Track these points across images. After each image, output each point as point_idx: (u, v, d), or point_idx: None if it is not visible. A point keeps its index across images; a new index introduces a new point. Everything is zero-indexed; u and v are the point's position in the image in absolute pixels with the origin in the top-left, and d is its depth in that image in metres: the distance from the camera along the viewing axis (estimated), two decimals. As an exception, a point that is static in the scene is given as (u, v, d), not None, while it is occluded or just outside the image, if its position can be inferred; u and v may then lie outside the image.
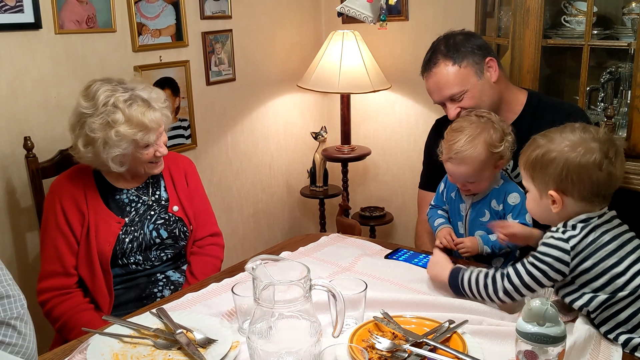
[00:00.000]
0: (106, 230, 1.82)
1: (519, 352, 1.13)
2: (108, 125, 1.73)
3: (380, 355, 1.24)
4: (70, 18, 2.19)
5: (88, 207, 1.82)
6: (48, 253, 1.80)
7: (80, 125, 1.77)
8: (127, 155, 1.79)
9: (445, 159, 1.74)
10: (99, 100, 1.74)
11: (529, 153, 1.39)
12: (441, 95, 1.86)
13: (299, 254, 1.84)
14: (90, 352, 1.27)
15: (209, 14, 2.69)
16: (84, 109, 1.76)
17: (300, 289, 1.15)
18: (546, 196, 1.36)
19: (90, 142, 1.76)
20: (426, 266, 1.71)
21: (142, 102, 1.77)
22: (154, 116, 1.77)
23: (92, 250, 1.79)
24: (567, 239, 1.32)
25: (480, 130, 1.69)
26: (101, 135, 1.73)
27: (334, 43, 2.92)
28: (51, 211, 1.81)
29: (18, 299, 1.24)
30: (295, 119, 3.28)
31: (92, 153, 1.77)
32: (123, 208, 1.88)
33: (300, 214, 3.47)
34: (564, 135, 1.34)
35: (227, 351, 1.27)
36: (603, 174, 1.31)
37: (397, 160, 3.25)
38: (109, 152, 1.75)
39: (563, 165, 1.32)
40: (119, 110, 1.73)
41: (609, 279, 1.30)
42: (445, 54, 1.84)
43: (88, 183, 1.86)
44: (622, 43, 2.16)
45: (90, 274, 1.79)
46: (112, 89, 1.76)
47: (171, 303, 1.54)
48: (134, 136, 1.75)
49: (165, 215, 1.92)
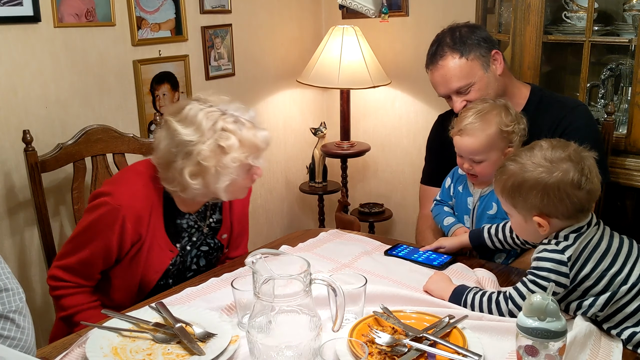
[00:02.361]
0: (158, 258, 1.70)
1: (520, 347, 1.13)
2: (222, 152, 1.57)
3: (380, 350, 1.23)
4: (69, 11, 2.18)
5: (148, 229, 1.66)
6: (81, 254, 1.64)
7: (184, 155, 1.58)
8: (234, 181, 1.63)
9: (455, 133, 1.75)
10: (204, 125, 1.57)
11: (504, 181, 1.37)
12: (448, 88, 1.85)
13: (298, 249, 1.84)
14: (89, 346, 1.26)
15: (208, 8, 2.68)
16: (186, 136, 1.57)
17: (300, 284, 1.15)
18: (531, 221, 1.35)
19: (201, 172, 1.59)
20: (426, 262, 1.71)
21: (249, 123, 1.63)
22: (263, 136, 1.64)
23: (136, 272, 1.67)
24: (563, 250, 1.32)
25: (492, 108, 1.71)
26: (214, 163, 1.57)
27: (333, 38, 2.91)
28: (108, 222, 1.60)
29: (17, 292, 1.23)
30: (294, 114, 3.27)
31: (202, 184, 1.60)
32: (179, 234, 1.76)
33: (299, 210, 3.46)
34: (535, 160, 1.33)
35: (226, 345, 1.27)
36: (583, 192, 1.30)
37: (396, 156, 3.25)
38: (222, 181, 1.60)
39: (542, 191, 1.30)
40: (231, 134, 1.58)
41: (609, 280, 1.31)
42: (452, 47, 1.83)
43: (156, 204, 1.68)
44: (622, 39, 2.15)
45: (122, 287, 1.69)
46: (209, 110, 1.60)
47: (170, 297, 1.54)
48: (247, 160, 1.60)
49: (211, 241, 1.83)
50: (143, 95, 2.47)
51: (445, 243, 1.77)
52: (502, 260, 1.82)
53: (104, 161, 2.15)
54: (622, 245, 1.35)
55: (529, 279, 1.35)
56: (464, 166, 1.77)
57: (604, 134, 2.05)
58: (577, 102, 1.93)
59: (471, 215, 1.82)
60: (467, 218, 1.84)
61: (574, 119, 1.82)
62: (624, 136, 2.11)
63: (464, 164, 1.77)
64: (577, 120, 1.82)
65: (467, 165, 1.76)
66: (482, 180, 1.80)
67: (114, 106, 2.39)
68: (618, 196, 2.20)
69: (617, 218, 2.23)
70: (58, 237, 2.23)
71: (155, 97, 2.52)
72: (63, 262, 1.67)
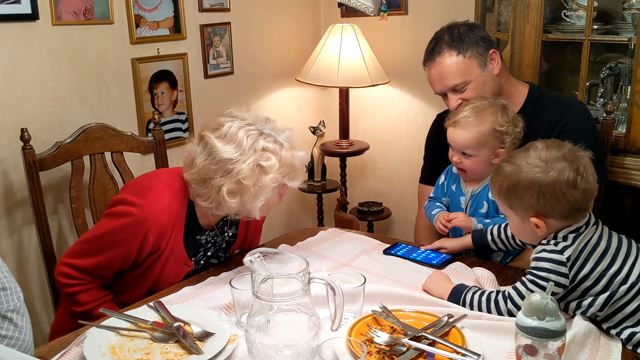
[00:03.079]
0: (173, 271, 1.68)
1: (519, 346, 1.13)
2: (262, 171, 1.56)
3: (378, 349, 1.23)
4: (67, 9, 2.17)
5: (168, 243, 1.64)
6: (97, 258, 1.61)
7: (223, 173, 1.55)
8: (269, 200, 1.62)
9: (449, 124, 1.76)
10: (244, 144, 1.55)
11: (499, 183, 1.37)
12: (444, 85, 1.86)
13: (297, 248, 1.84)
14: (87, 345, 1.26)
15: (207, 6, 2.67)
16: (226, 154, 1.55)
17: (299, 283, 1.15)
18: (528, 222, 1.35)
19: (239, 191, 1.57)
20: (425, 261, 1.71)
21: (287, 144, 1.62)
22: (300, 158, 1.64)
23: (148, 281, 1.66)
24: (562, 250, 1.31)
25: (489, 107, 1.72)
26: (253, 183, 1.55)
27: (332, 37, 2.90)
28: (131, 233, 1.58)
29: (15, 291, 1.23)
30: (293, 113, 3.26)
31: (239, 203, 1.58)
32: (197, 248, 1.75)
33: (298, 209, 3.46)
34: (530, 161, 1.33)
35: (224, 344, 1.26)
36: (579, 191, 1.29)
37: (395, 155, 3.25)
38: (259, 200, 1.58)
39: (538, 192, 1.30)
40: (271, 154, 1.57)
41: (608, 280, 1.30)
42: (450, 44, 1.83)
43: (179, 219, 1.66)
44: (622, 38, 2.15)
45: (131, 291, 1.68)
46: (248, 129, 1.59)
47: (169, 296, 1.53)
48: (284, 180, 1.60)
49: (222, 255, 1.84)
50: (141, 93, 2.46)
51: (447, 244, 1.77)
52: (500, 259, 1.82)
53: (102, 160, 2.14)
54: (621, 245, 1.35)
55: (528, 279, 1.35)
56: (454, 159, 1.79)
57: (603, 133, 2.04)
58: (575, 100, 1.93)
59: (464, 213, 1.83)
60: None
61: (572, 117, 1.82)
62: (623, 135, 2.10)
63: (454, 156, 1.78)
64: (574, 118, 1.82)
65: (456, 158, 1.78)
66: (471, 177, 1.81)
67: (113, 105, 2.39)
68: (617, 195, 2.20)
69: (616, 217, 2.23)
70: (56, 236, 2.22)
71: (154, 95, 2.52)
72: (77, 261, 1.64)
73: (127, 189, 1.73)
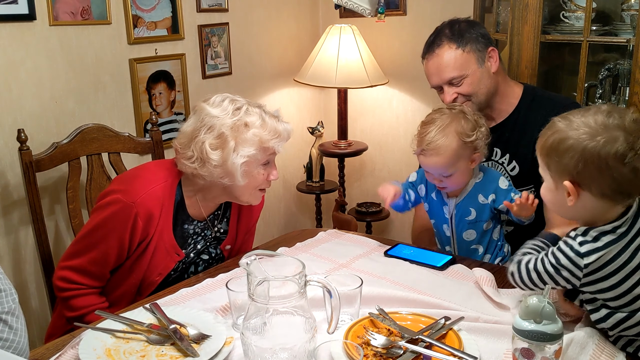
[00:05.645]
0: (162, 259, 1.69)
1: (516, 349, 1.12)
2: (244, 126, 1.63)
3: (375, 352, 1.23)
4: (64, 9, 2.17)
5: (157, 229, 1.66)
6: (93, 253, 1.63)
7: (207, 129, 1.63)
8: (251, 164, 1.66)
9: (418, 153, 1.74)
10: (230, 108, 1.65)
11: (545, 138, 1.22)
12: (440, 78, 1.86)
13: (296, 249, 1.83)
14: (82, 347, 1.25)
15: (205, 6, 2.67)
16: (212, 114, 1.63)
17: (295, 285, 1.14)
18: (562, 187, 1.19)
19: (221, 145, 1.62)
20: (426, 262, 1.69)
21: (272, 114, 1.72)
22: (285, 127, 1.71)
23: (138, 272, 1.67)
24: (583, 255, 1.18)
25: (450, 120, 1.69)
26: (235, 135, 1.62)
27: (331, 37, 2.90)
28: (121, 219, 1.61)
29: (9, 293, 1.22)
30: (291, 113, 3.26)
31: (220, 157, 1.62)
32: (186, 239, 1.76)
33: (296, 209, 3.46)
34: (584, 120, 1.17)
35: (220, 347, 1.26)
36: (626, 169, 1.12)
37: (393, 156, 3.24)
38: (239, 157, 1.62)
39: (580, 156, 1.14)
40: (255, 114, 1.66)
41: (630, 300, 1.18)
42: (450, 37, 1.84)
43: (167, 205, 1.68)
44: (620, 39, 2.15)
45: (122, 286, 1.69)
46: (238, 99, 1.70)
47: (165, 298, 1.53)
48: (267, 143, 1.65)
49: (213, 251, 1.84)
50: (139, 94, 2.46)
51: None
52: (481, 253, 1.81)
53: (99, 160, 2.14)
54: None
55: (546, 255, 1.25)
56: (434, 182, 1.76)
57: (602, 134, 2.04)
58: (569, 100, 1.94)
59: (450, 224, 1.82)
60: (447, 227, 1.83)
61: None
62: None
63: (434, 180, 1.76)
64: None
65: (437, 181, 1.75)
66: (455, 189, 1.78)
67: (110, 105, 2.38)
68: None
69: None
70: (53, 237, 2.22)
71: (152, 96, 2.51)
72: (73, 262, 1.65)
73: (113, 182, 1.77)
